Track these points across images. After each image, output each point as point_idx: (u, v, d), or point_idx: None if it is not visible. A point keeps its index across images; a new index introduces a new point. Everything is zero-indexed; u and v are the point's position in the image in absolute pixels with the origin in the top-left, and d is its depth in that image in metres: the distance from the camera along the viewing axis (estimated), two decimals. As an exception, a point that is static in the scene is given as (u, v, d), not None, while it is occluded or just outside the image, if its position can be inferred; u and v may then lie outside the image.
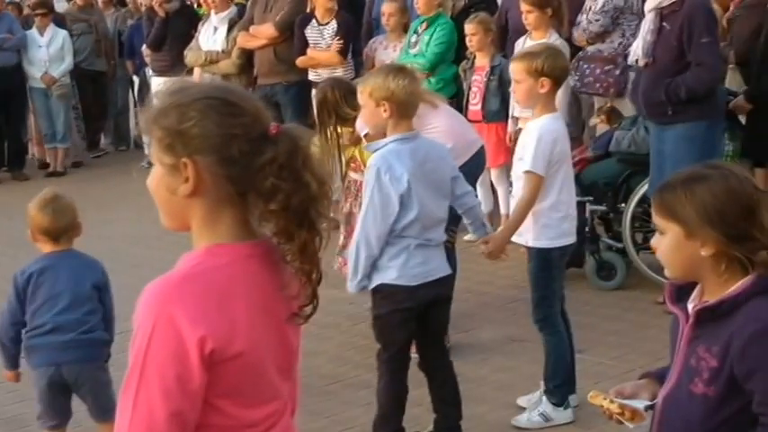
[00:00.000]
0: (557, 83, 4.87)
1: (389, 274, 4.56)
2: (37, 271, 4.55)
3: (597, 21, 7.86)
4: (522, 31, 7.62)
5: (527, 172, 4.80)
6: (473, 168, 5.90)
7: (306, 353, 5.62)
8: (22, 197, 10.88)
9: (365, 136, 5.30)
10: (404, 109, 4.47)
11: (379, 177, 4.43)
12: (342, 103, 5.93)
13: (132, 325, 1.97)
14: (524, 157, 4.85)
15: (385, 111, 4.44)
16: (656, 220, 2.53)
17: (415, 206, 4.46)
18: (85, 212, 10.10)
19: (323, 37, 8.73)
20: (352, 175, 6.11)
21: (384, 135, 4.56)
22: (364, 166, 5.86)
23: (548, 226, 4.89)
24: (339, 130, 6.02)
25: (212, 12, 9.67)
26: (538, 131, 4.83)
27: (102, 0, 13.63)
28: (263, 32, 9.04)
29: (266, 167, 1.99)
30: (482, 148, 6.16)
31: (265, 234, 2.06)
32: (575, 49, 7.83)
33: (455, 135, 5.77)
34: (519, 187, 4.94)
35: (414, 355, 4.83)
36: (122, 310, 6.58)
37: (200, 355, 1.92)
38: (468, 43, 7.90)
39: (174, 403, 1.91)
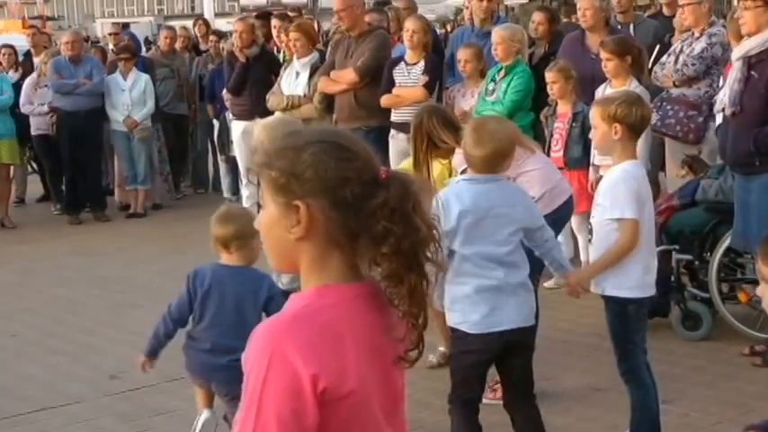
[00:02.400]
0: (631, 129, 4.80)
1: (455, 318, 4.64)
2: (210, 280, 4.79)
3: (693, 66, 7.81)
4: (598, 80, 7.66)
5: (620, 219, 4.75)
6: (561, 216, 5.88)
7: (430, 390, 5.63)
8: (103, 237, 11.26)
9: (462, 172, 5.30)
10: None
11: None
12: (437, 130, 5.85)
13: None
14: (606, 204, 4.80)
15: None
16: (762, 268, 2.50)
17: (465, 246, 4.50)
18: (165, 254, 10.41)
19: (410, 77, 8.78)
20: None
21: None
22: None
23: (625, 275, 4.82)
24: (430, 157, 5.98)
25: (294, 57, 9.77)
26: (618, 178, 4.80)
27: (179, 46, 13.84)
28: (343, 77, 9.10)
29: (378, 211, 2.01)
30: (571, 197, 6.14)
31: (373, 277, 2.07)
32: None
33: (548, 181, 5.78)
34: (599, 235, 4.89)
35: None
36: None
37: (313, 393, 1.93)
38: (549, 91, 7.89)
39: None
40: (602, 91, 7.39)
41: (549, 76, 7.85)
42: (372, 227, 2.01)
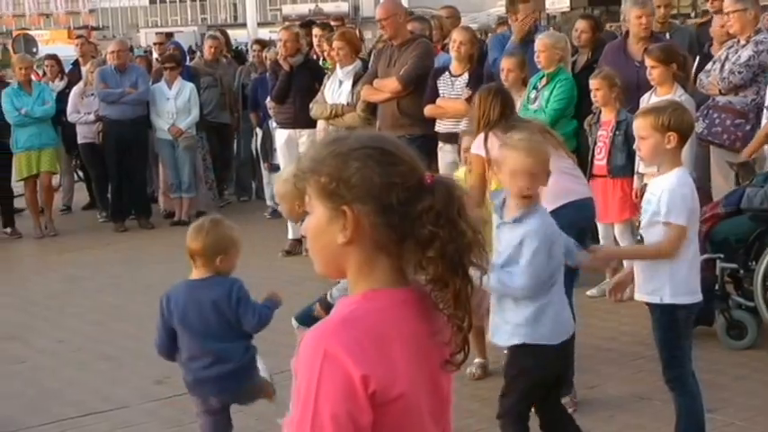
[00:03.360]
0: (683, 138, 4.80)
1: (519, 332, 4.69)
2: (183, 297, 4.95)
3: (740, 73, 7.77)
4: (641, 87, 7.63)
5: (667, 223, 4.73)
6: (576, 219, 5.74)
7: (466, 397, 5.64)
8: (148, 245, 11.34)
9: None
10: None
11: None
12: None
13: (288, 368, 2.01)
14: (658, 209, 4.79)
15: None
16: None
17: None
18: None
19: (453, 88, 8.80)
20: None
21: None
22: None
23: (674, 283, 4.80)
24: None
25: (338, 66, 9.82)
26: (670, 185, 4.77)
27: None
28: (386, 86, 9.13)
29: (424, 215, 2.03)
30: (588, 200, 6.04)
31: (419, 281, 2.09)
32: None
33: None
34: (650, 240, 4.88)
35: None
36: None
37: (365, 393, 1.95)
38: (593, 98, 7.87)
39: None
40: (648, 99, 7.37)
41: (593, 83, 7.83)
42: (418, 231, 2.03)
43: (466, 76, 8.78)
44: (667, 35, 9.04)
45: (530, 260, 4.53)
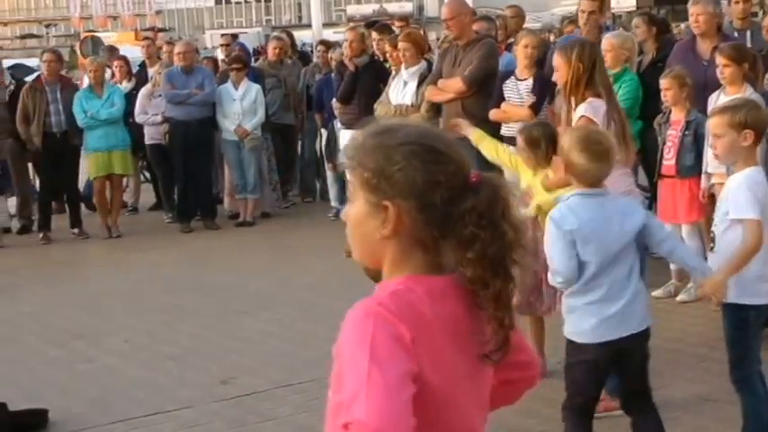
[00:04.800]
0: (759, 135, 4.77)
1: (567, 327, 4.70)
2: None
3: None
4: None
5: (743, 220, 4.68)
6: None
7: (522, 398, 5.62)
8: (213, 246, 11.43)
9: None
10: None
11: (549, 227, 4.55)
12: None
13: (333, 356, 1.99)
14: (730, 208, 4.74)
15: None
16: None
17: (581, 262, 4.50)
18: (274, 262, 10.53)
19: (518, 92, 8.76)
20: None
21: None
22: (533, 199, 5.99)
23: (744, 283, 4.74)
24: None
25: (402, 66, 9.81)
26: (742, 183, 4.73)
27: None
28: (451, 86, 9.11)
29: (466, 216, 2.02)
30: None
31: (458, 270, 2.06)
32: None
33: None
34: (724, 242, 4.82)
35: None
36: (310, 355, 6.76)
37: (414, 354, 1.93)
38: (662, 98, 7.79)
39: (404, 393, 1.89)
40: (717, 98, 7.27)
41: (663, 82, 7.75)
42: (459, 231, 2.02)
43: (530, 80, 8.73)
44: (748, 33, 8.90)
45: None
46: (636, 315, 4.62)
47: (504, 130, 8.73)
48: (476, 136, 6.68)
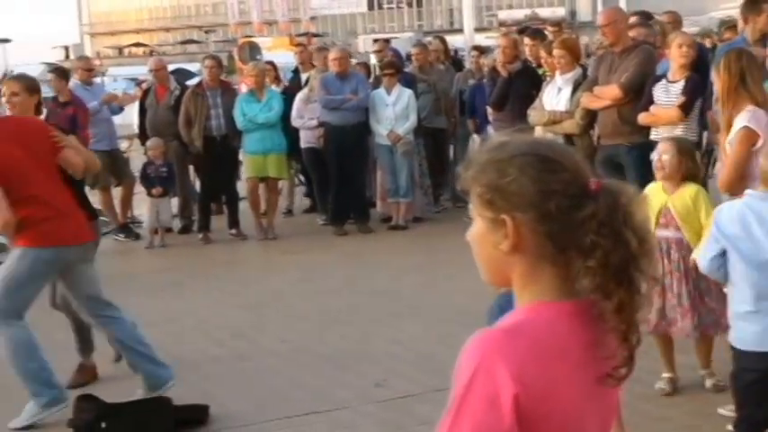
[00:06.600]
0: None
1: (731, 333, 4.66)
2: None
3: None
4: None
5: None
6: None
7: (653, 418, 5.62)
8: (367, 249, 11.59)
9: None
10: None
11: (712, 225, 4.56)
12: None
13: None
14: None
15: None
16: None
17: (738, 268, 4.45)
18: (426, 266, 10.60)
19: (668, 95, 8.62)
20: (661, 232, 6.01)
21: None
22: (676, 220, 5.86)
23: None
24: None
25: (557, 72, 9.79)
26: None
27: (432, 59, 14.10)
28: (607, 93, 9.04)
29: (585, 224, 1.98)
30: None
31: (586, 290, 2.02)
32: None
33: None
34: None
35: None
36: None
37: (514, 411, 1.92)
38: None
39: None
40: None
41: None
42: (580, 240, 1.98)
43: (682, 82, 8.59)
44: None
45: None
46: None
47: (653, 135, 8.61)
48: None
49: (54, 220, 6.33)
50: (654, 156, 6.33)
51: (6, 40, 66.50)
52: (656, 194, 6.02)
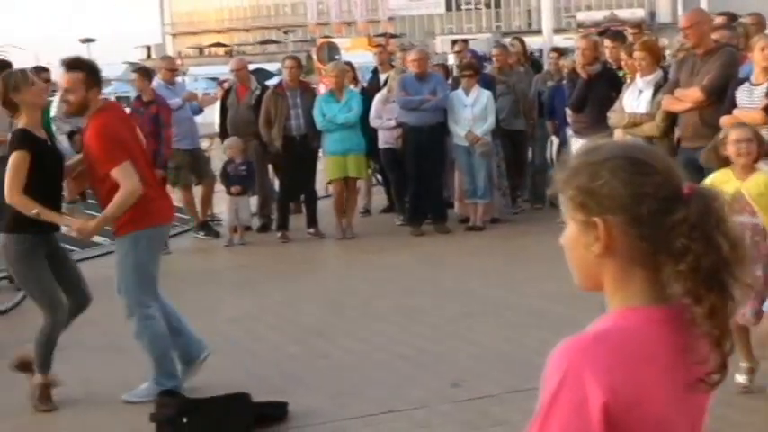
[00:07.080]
0: None
1: None
2: None
3: None
4: None
5: None
6: None
7: (731, 424, 5.59)
8: (444, 249, 11.63)
9: None
10: None
11: None
12: None
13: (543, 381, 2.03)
14: None
15: None
16: None
17: None
18: (505, 267, 10.61)
19: (751, 98, 8.53)
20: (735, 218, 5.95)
21: None
22: (751, 205, 5.81)
23: None
24: None
25: (638, 75, 9.72)
26: None
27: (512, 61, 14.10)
28: (689, 96, 8.96)
29: (677, 227, 1.98)
30: None
31: (677, 295, 2.02)
32: None
33: None
34: None
35: None
36: (543, 363, 6.82)
37: (602, 418, 1.93)
38: None
39: None
40: None
41: None
42: (671, 243, 1.98)
43: (765, 85, 8.49)
44: None
45: None
46: None
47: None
48: None
49: (160, 200, 6.92)
50: (729, 142, 6.28)
51: (91, 40, 67.71)
52: (726, 181, 5.99)
